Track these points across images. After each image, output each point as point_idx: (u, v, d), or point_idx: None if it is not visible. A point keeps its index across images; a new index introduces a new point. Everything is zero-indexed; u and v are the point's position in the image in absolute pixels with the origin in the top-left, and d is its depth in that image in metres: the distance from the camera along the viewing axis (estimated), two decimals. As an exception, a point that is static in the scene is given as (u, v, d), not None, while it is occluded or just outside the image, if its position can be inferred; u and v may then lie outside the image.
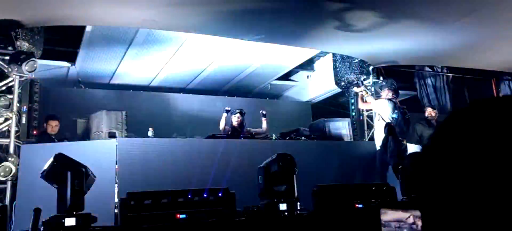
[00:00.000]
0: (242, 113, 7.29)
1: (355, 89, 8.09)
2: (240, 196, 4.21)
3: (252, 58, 8.70)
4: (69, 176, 3.56)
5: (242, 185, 5.45)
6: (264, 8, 5.72)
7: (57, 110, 7.24)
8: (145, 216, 3.64)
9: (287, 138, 6.88)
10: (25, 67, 5.54)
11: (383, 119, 7.00)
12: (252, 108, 10.33)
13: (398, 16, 6.07)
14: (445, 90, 11.28)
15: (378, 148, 6.95)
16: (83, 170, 3.69)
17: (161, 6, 5.44)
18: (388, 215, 3.38)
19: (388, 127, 6.52)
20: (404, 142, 6.69)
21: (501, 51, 7.59)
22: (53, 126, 6.62)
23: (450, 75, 11.31)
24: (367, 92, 7.98)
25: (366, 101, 7.83)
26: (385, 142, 6.49)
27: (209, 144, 6.06)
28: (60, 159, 3.61)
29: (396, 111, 6.92)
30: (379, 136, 7.10)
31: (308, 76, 10.40)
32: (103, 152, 5.33)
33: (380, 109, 7.13)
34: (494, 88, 12.06)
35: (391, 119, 6.79)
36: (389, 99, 7.11)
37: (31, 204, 3.50)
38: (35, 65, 5.68)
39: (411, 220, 3.25)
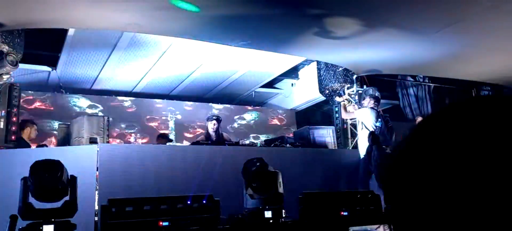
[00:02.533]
0: (218, 120, 7.12)
1: (338, 99, 8.05)
2: (225, 203, 4.15)
3: (237, 66, 8.67)
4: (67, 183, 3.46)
5: (227, 192, 5.39)
6: (250, 14, 5.70)
7: (37, 115, 7.10)
8: (127, 223, 3.54)
9: (272, 145, 6.84)
10: (5, 64, 5.39)
11: (366, 128, 7.00)
12: (235, 115, 10.33)
13: (380, 25, 6.11)
14: (426, 100, 11.43)
15: (362, 156, 6.95)
16: (74, 175, 3.60)
17: (146, 10, 5.38)
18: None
19: (372, 136, 6.52)
20: (388, 151, 6.71)
21: (482, 62, 7.71)
22: (30, 131, 6.45)
23: (432, 85, 11.48)
24: (349, 102, 7.97)
25: (348, 111, 7.83)
26: (369, 150, 6.49)
27: (194, 150, 5.98)
28: (61, 167, 3.47)
29: (379, 119, 6.95)
30: (362, 144, 7.09)
31: (292, 84, 10.42)
32: (83, 158, 5.20)
33: (363, 118, 7.14)
34: (474, 98, 12.24)
35: (375, 128, 6.81)
36: (372, 108, 7.13)
37: (8, 210, 3.37)
38: (14, 66, 5.53)
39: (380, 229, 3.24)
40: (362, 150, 6.90)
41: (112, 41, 7.22)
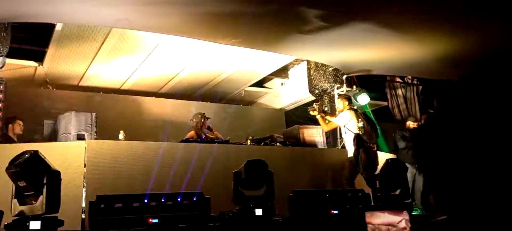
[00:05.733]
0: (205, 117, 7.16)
1: (311, 113, 7.17)
2: (216, 201, 4.11)
3: (227, 64, 8.63)
4: (46, 177, 3.39)
5: (217, 189, 5.35)
6: (241, 12, 5.67)
7: (23, 111, 6.97)
8: (116, 220, 3.48)
9: (262, 144, 6.81)
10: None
11: (349, 131, 6.70)
12: (225, 114, 10.28)
13: (370, 25, 6.12)
14: (415, 101, 11.51)
15: (349, 156, 6.73)
16: (59, 171, 3.53)
17: (136, 5, 5.31)
18: (378, 218, 3.34)
19: (357, 139, 6.32)
20: (374, 149, 6.66)
21: (471, 64, 7.77)
22: (15, 127, 6.31)
23: (420, 86, 11.57)
24: (323, 115, 7.17)
25: (329, 121, 7.18)
26: (356, 154, 6.33)
27: (183, 148, 5.93)
28: (36, 157, 3.41)
29: (359, 119, 6.74)
30: (349, 146, 6.83)
31: (282, 84, 10.41)
32: (70, 154, 5.12)
33: (345, 122, 6.77)
34: (461, 100, 12.41)
35: (359, 129, 6.58)
36: (350, 109, 6.91)
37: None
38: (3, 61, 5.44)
39: (402, 224, 3.23)
40: (350, 151, 6.71)
41: (100, 37, 7.12)
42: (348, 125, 6.64)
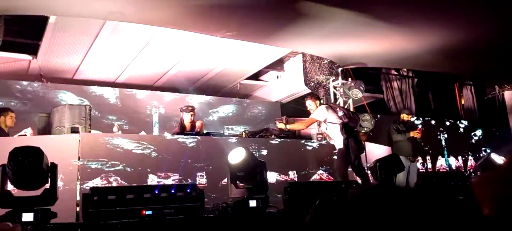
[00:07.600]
0: (194, 110, 6.96)
1: (278, 125, 6.69)
2: (210, 192, 4.12)
3: (222, 57, 8.60)
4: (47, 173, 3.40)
5: (212, 181, 5.36)
6: (235, 4, 5.65)
7: (17, 105, 6.95)
8: (109, 212, 3.47)
9: (257, 136, 6.81)
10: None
11: (332, 123, 6.51)
12: (221, 107, 10.28)
13: (366, 17, 6.12)
14: (410, 93, 11.54)
15: (338, 149, 6.56)
16: (56, 164, 3.55)
17: (130, -3, 5.28)
18: None
19: (345, 128, 6.19)
20: (360, 137, 6.65)
21: (467, 56, 7.79)
22: (6, 120, 6.26)
23: (415, 79, 11.60)
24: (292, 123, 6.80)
25: (302, 121, 6.84)
26: (346, 143, 6.22)
27: (178, 141, 5.92)
28: (41, 155, 3.39)
29: (337, 110, 6.58)
30: (336, 138, 6.63)
31: (277, 77, 10.39)
32: (65, 147, 5.11)
33: (324, 117, 6.43)
34: (456, 92, 12.46)
35: (341, 119, 6.42)
36: (324, 104, 6.74)
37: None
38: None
39: None
40: (337, 143, 6.55)
41: (94, 30, 7.08)
42: (328, 119, 6.44)
